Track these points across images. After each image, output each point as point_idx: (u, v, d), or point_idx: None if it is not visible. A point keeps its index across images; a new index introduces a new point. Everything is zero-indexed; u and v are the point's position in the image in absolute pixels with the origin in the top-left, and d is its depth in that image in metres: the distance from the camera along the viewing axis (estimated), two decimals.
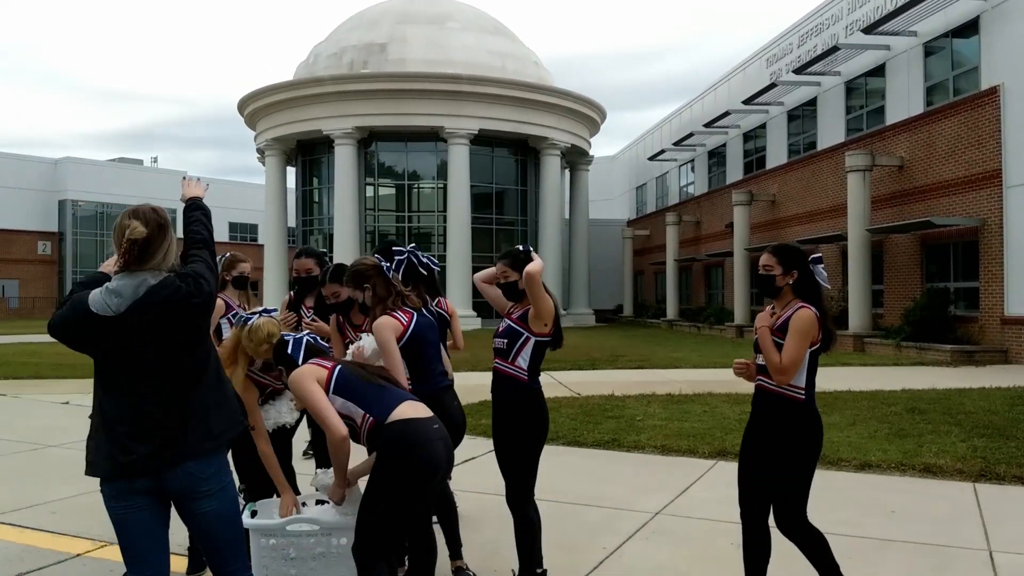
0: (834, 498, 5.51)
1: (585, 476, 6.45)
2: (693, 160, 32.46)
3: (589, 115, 33.77)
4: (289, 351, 3.42)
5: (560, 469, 6.44)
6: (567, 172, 35.97)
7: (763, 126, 26.08)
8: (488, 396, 4.20)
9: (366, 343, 3.81)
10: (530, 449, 3.80)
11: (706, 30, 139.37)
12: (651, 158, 34.84)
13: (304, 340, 3.46)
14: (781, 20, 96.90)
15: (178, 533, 3.52)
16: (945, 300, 16.67)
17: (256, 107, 32.80)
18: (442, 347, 4.39)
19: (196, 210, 3.08)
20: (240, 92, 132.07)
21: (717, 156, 30.19)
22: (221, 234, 59.58)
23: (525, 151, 33.22)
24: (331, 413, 3.18)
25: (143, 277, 2.71)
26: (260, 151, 34.95)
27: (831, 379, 11.09)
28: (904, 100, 18.69)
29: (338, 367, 3.31)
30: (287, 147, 33.35)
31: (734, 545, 4.63)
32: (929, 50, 18.05)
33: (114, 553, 4.66)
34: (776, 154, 25.18)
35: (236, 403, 2.96)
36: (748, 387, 3.71)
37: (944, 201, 17.01)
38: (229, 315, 6.75)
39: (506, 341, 3.85)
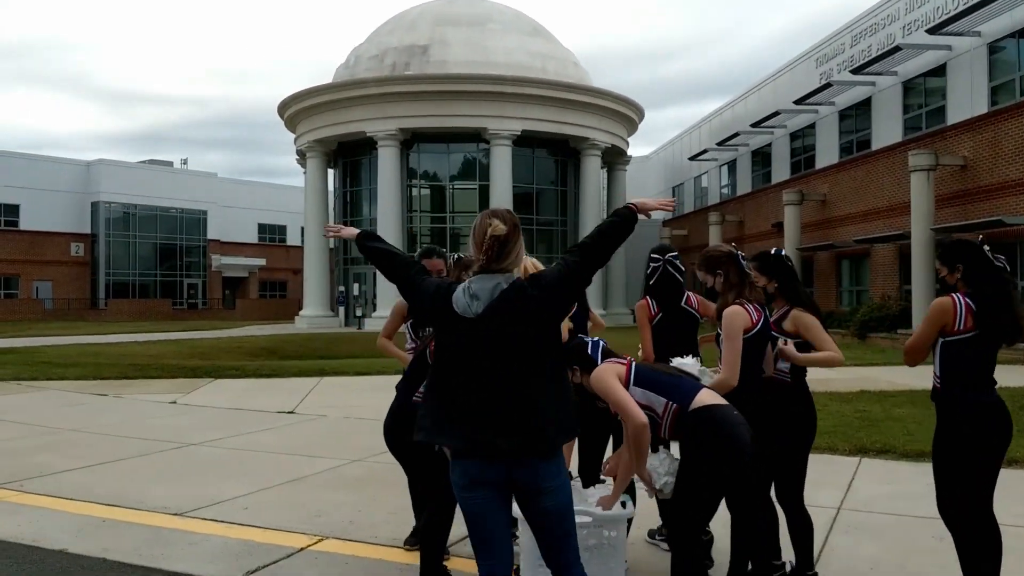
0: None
1: None
2: (735, 160, 32.48)
3: (628, 115, 33.87)
4: (588, 352, 3.57)
5: None
6: (604, 172, 36.06)
7: (812, 126, 26.08)
8: None
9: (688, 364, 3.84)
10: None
11: (711, 34, 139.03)
12: (692, 158, 34.89)
13: (600, 342, 3.60)
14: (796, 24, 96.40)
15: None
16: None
17: (298, 109, 33.07)
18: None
19: (615, 216, 3.07)
20: (249, 92, 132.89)
21: (761, 156, 30.21)
22: (250, 235, 60.02)
23: (565, 151, 33.35)
24: (632, 403, 3.33)
25: (497, 281, 2.88)
26: (301, 153, 35.24)
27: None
28: (967, 100, 18.69)
29: (633, 363, 3.46)
30: (328, 149, 33.61)
31: (935, 539, 4.76)
32: (994, 49, 18.03)
33: (337, 547, 4.83)
34: (827, 154, 25.18)
35: (574, 402, 3.11)
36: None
37: (1012, 200, 17.01)
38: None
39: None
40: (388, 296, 29.90)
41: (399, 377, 4.57)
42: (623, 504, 3.80)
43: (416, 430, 3.03)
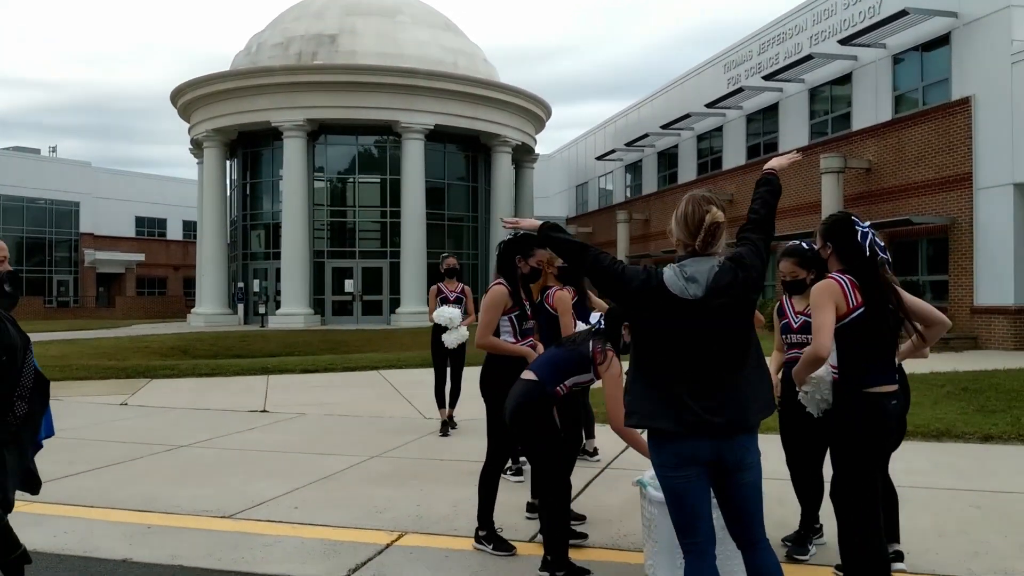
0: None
1: None
2: (641, 160, 33.43)
3: (536, 112, 34.21)
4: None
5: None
6: (512, 169, 36.29)
7: (719, 128, 27.19)
8: None
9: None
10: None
11: (595, 31, 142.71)
12: (600, 157, 35.63)
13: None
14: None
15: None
16: (915, 292, 17.99)
17: (194, 96, 31.52)
18: None
19: (764, 185, 3.27)
20: (109, 78, 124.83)
21: (668, 156, 31.21)
22: (127, 229, 56.76)
23: (475, 147, 33.33)
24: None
25: (711, 263, 2.94)
26: (196, 142, 33.57)
27: None
28: (871, 107, 19.99)
29: None
30: (227, 138, 32.16)
31: (974, 507, 5.11)
32: (897, 60, 19.38)
33: (422, 541, 4.70)
34: (734, 156, 26.32)
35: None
36: None
37: (913, 201, 18.34)
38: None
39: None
40: (295, 292, 29.19)
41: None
42: None
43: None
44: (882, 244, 3.68)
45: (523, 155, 35.85)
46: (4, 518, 3.50)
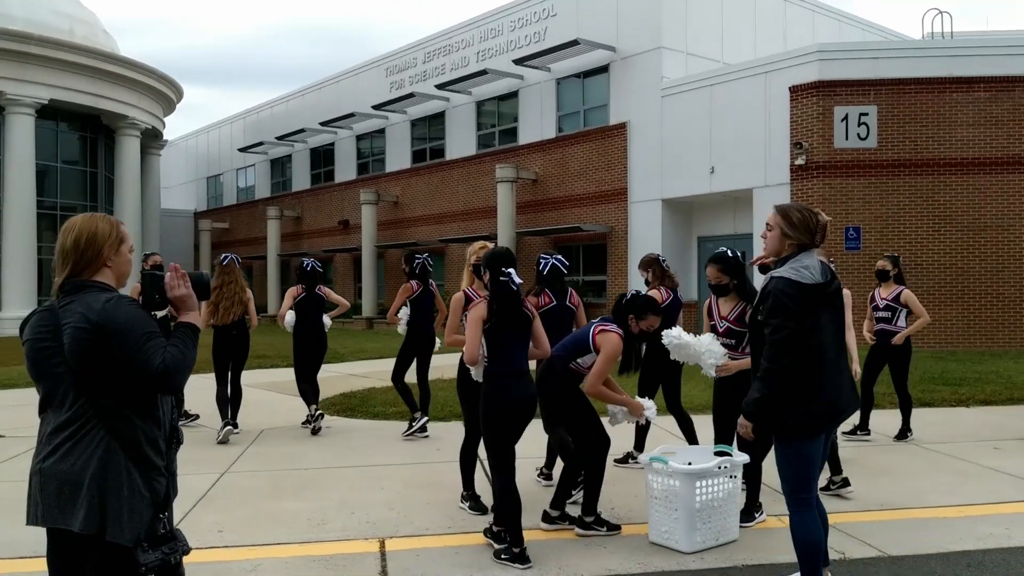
0: None
1: None
2: (291, 155, 32.31)
3: (166, 93, 31.08)
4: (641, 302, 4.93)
5: None
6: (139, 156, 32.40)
7: (382, 131, 27.60)
8: None
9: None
10: None
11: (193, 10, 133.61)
12: (243, 149, 33.49)
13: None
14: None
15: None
16: (579, 291, 20.55)
17: None
18: None
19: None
20: None
21: (324, 154, 30.66)
22: None
23: (96, 128, 29.14)
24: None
25: (819, 258, 3.64)
26: None
27: None
28: (537, 123, 22.16)
29: None
30: None
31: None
32: (560, 83, 21.75)
33: (472, 540, 4.42)
34: (398, 158, 26.93)
35: None
36: None
37: (577, 211, 20.86)
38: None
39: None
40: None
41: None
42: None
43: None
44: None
45: (149, 140, 32.31)
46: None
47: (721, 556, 4.53)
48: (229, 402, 7.91)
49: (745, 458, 4.78)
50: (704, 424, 6.31)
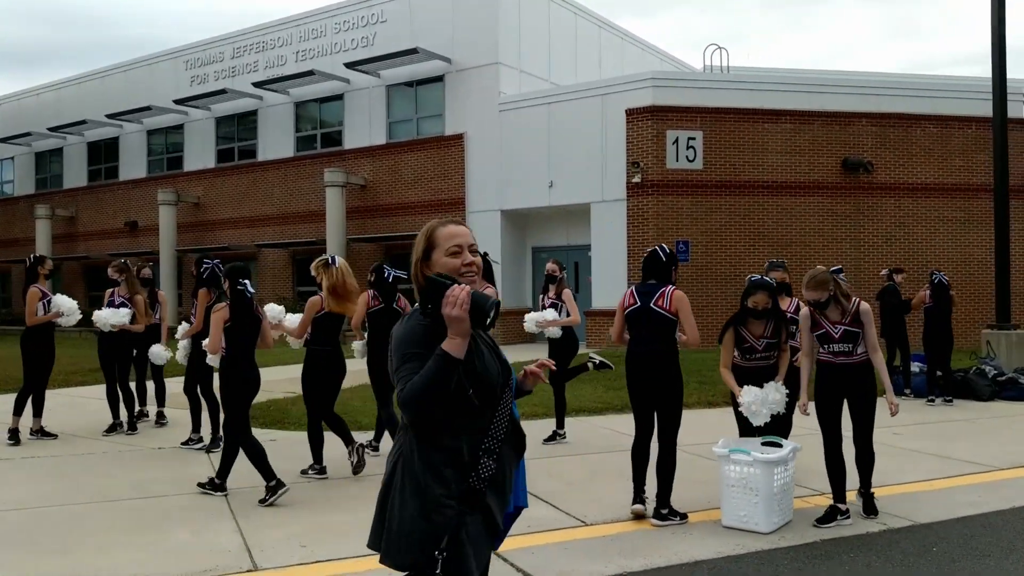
0: None
1: None
2: (63, 148, 28.69)
3: None
4: None
5: None
6: None
7: (180, 127, 25.49)
8: None
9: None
10: None
11: None
12: (4, 140, 29.14)
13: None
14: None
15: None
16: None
17: None
18: None
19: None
20: None
21: (106, 148, 27.55)
22: None
23: None
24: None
25: None
26: None
27: None
28: (366, 129, 21.71)
29: None
30: None
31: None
32: (392, 91, 21.50)
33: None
34: (200, 157, 25.03)
35: None
36: None
37: (410, 219, 20.72)
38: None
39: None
40: None
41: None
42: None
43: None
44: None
45: None
46: None
47: (796, 535, 5.02)
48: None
49: (799, 446, 5.34)
50: (718, 417, 6.81)
